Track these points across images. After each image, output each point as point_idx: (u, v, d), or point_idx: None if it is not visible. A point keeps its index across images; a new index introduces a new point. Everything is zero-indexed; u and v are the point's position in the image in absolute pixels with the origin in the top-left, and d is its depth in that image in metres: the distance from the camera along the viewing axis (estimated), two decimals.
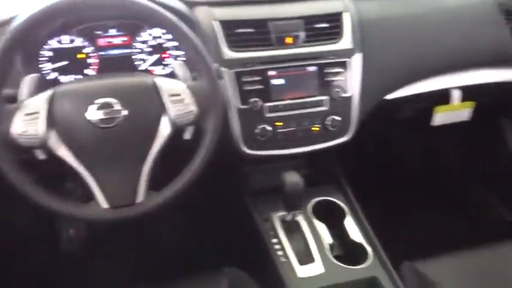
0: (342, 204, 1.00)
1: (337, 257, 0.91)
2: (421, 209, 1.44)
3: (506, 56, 1.08)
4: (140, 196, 0.70)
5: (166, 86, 0.71)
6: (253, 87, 0.88)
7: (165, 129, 0.70)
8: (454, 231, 1.12)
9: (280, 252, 0.89)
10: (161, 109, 0.70)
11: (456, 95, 1.10)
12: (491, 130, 1.35)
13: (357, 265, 0.89)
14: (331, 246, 0.92)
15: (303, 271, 0.86)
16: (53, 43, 0.86)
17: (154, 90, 0.70)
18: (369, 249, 0.92)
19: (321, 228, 0.95)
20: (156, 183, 0.74)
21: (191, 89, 0.72)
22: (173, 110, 0.70)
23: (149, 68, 0.94)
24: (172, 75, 0.78)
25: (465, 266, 0.93)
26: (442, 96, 1.10)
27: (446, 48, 1.04)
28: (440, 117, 1.13)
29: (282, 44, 0.90)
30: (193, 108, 0.71)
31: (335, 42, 0.93)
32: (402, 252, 0.95)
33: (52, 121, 0.66)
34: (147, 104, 0.70)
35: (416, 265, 0.91)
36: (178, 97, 0.70)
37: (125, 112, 0.67)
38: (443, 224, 1.35)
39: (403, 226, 1.32)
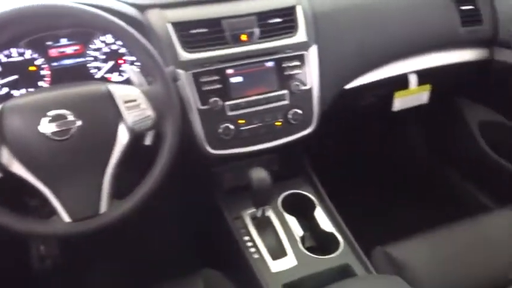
0: (311, 196, 1.02)
1: (309, 249, 0.92)
2: (390, 195, 1.47)
3: (456, 38, 1.11)
4: (103, 207, 0.69)
5: (120, 92, 0.70)
6: (212, 87, 0.88)
7: (123, 136, 0.69)
8: (424, 214, 1.14)
9: (252, 249, 0.89)
10: (117, 116, 0.69)
11: (413, 80, 1.13)
12: (450, 111, 1.39)
13: (329, 254, 0.90)
14: (303, 238, 0.93)
15: (276, 266, 0.87)
16: (1, 57, 0.84)
17: (109, 97, 0.69)
18: (340, 238, 0.93)
19: (292, 221, 0.96)
20: (121, 191, 0.73)
21: (146, 93, 0.71)
22: (130, 116, 0.69)
23: (106, 76, 0.93)
24: (129, 81, 0.77)
25: (434, 247, 0.95)
26: (400, 82, 1.13)
27: (399, 34, 1.06)
28: (400, 102, 1.16)
29: (237, 42, 0.90)
30: (150, 113, 0.70)
31: (290, 36, 0.94)
32: (374, 238, 0.97)
33: (3, 137, 0.64)
34: (102, 113, 0.68)
35: (387, 249, 0.93)
36: (133, 103, 0.70)
37: (79, 123, 0.66)
38: (413, 207, 1.39)
39: (374, 213, 1.35)
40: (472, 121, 1.34)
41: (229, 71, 0.89)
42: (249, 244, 0.90)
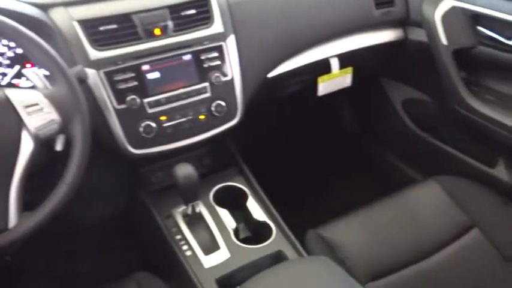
0: (243, 187, 1.02)
1: (245, 240, 0.92)
2: (323, 177, 1.51)
3: (371, 21, 1.15)
4: (12, 221, 0.65)
5: (19, 97, 0.65)
6: (128, 85, 0.85)
7: (26, 144, 0.65)
8: (356, 193, 1.18)
9: (184, 247, 0.88)
10: (18, 123, 0.64)
11: (334, 63, 1.15)
12: (375, 92, 1.44)
13: (262, 243, 0.90)
14: (237, 230, 0.93)
15: (208, 261, 0.86)
16: None
17: (6, 104, 0.64)
18: (272, 225, 0.94)
19: (224, 214, 0.95)
20: (34, 202, 0.69)
21: (49, 96, 0.67)
22: (32, 122, 0.65)
23: (13, 82, 0.86)
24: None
25: (364, 225, 0.99)
26: (322, 67, 1.15)
27: (317, 20, 1.08)
28: (324, 86, 1.18)
29: (151, 36, 0.87)
30: (54, 116, 0.66)
31: (206, 28, 0.92)
32: (309, 221, 0.99)
33: None
34: (1, 121, 0.64)
35: (320, 231, 0.95)
36: (35, 107, 0.65)
37: None
38: (346, 187, 1.43)
39: (308, 196, 1.37)
40: (395, 100, 1.39)
41: (145, 67, 0.86)
42: (181, 242, 0.89)
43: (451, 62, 1.09)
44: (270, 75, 1.05)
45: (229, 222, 0.94)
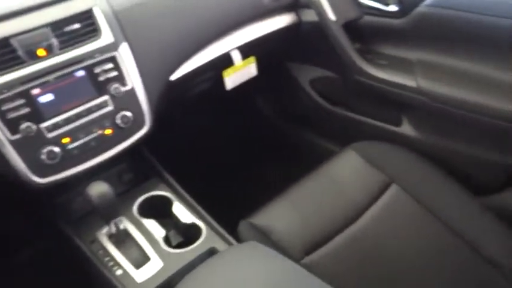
0: (167, 193, 1.00)
1: (178, 246, 0.91)
2: (249, 170, 1.53)
3: (263, 9, 1.18)
4: None
5: None
6: (20, 113, 0.79)
7: None
8: (283, 176, 1.20)
9: (115, 267, 0.85)
10: None
11: (236, 56, 1.16)
12: (285, 77, 1.48)
13: (193, 244, 0.89)
14: (167, 238, 0.91)
15: (141, 275, 0.84)
16: None
17: None
18: (201, 225, 0.93)
19: (151, 225, 0.93)
20: None
21: None
22: None
23: None
24: None
25: (293, 205, 1.01)
26: (225, 61, 1.15)
27: (208, 15, 1.08)
28: (231, 79, 1.19)
29: (34, 58, 0.82)
30: None
31: (95, 40, 0.89)
32: (240, 215, 0.99)
33: None
34: None
35: (251, 220, 0.96)
36: None
37: None
38: (272, 172, 1.46)
39: (236, 191, 1.38)
40: (303, 81, 1.44)
41: (36, 91, 0.81)
42: (110, 264, 0.85)
43: (343, 36, 1.15)
44: (173, 77, 1.04)
45: (158, 231, 0.92)
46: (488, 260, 0.91)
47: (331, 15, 1.15)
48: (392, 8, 1.13)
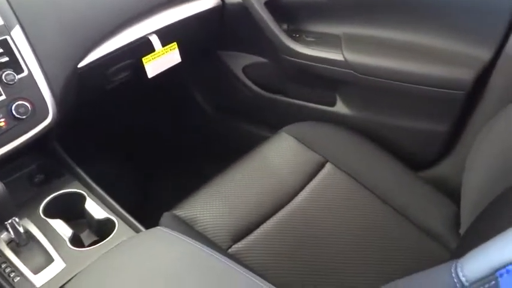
0: (78, 190, 0.90)
1: (93, 243, 0.82)
2: (183, 162, 1.45)
3: None
4: None
5: None
6: None
7: None
8: (216, 166, 1.13)
9: (12, 274, 0.74)
10: None
11: (155, 40, 1.09)
12: (217, 66, 1.41)
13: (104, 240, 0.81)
14: (75, 237, 0.82)
15: (40, 279, 0.74)
16: None
17: None
18: (115, 219, 0.84)
19: (58, 225, 0.83)
20: None
21: None
22: None
23: None
24: None
25: (221, 192, 0.94)
26: (143, 46, 1.07)
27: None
28: (152, 67, 1.11)
29: None
30: None
31: None
32: (163, 207, 0.91)
33: None
34: None
35: (175, 212, 0.88)
36: None
37: None
38: (207, 169, 1.39)
39: (170, 185, 1.30)
40: (236, 69, 1.38)
41: None
42: (8, 270, 0.75)
43: (266, 13, 1.10)
44: (82, 64, 0.95)
45: (65, 231, 0.82)
46: (425, 231, 0.87)
47: None
48: None
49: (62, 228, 0.82)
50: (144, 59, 1.09)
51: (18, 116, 0.80)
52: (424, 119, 1.01)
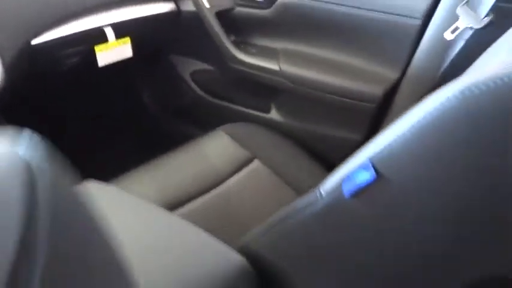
0: None
1: None
2: (121, 161, 1.50)
3: None
4: None
5: None
6: None
7: None
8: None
9: None
10: None
11: (109, 32, 1.17)
12: (166, 68, 1.50)
13: None
14: None
15: None
16: None
17: None
18: None
19: None
20: None
21: None
22: None
23: None
24: None
25: (152, 174, 1.01)
26: (97, 36, 1.15)
27: None
28: (103, 56, 1.18)
29: None
30: None
31: None
32: None
33: None
34: None
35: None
36: None
37: None
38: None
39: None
40: (185, 74, 1.48)
41: None
42: None
43: (217, 24, 1.22)
44: (35, 42, 1.01)
45: None
46: None
47: (206, 3, 1.21)
48: None
49: None
50: (96, 48, 1.16)
51: None
52: (343, 127, 1.14)
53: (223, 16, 1.26)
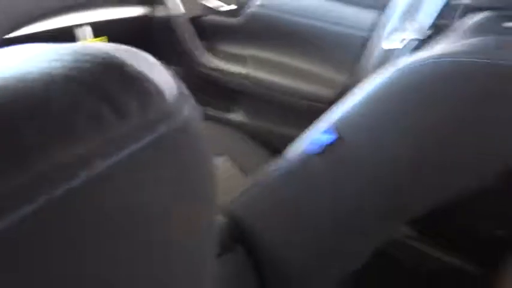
0: None
1: None
2: None
3: None
4: None
5: None
6: None
7: None
8: None
9: None
10: None
11: (88, 31, 1.24)
12: None
13: None
14: None
15: None
16: None
17: None
18: None
19: None
20: None
21: None
22: None
23: None
24: None
25: None
26: (76, 34, 1.22)
27: None
28: None
29: None
30: None
31: None
32: None
33: None
34: None
35: None
36: None
37: None
38: None
39: None
40: None
41: None
42: None
43: (189, 28, 1.32)
44: (10, 35, 1.07)
45: None
46: None
47: (181, 8, 1.31)
48: (230, 6, 1.34)
49: None
50: None
51: None
52: (299, 128, 1.26)
53: (195, 22, 1.36)
